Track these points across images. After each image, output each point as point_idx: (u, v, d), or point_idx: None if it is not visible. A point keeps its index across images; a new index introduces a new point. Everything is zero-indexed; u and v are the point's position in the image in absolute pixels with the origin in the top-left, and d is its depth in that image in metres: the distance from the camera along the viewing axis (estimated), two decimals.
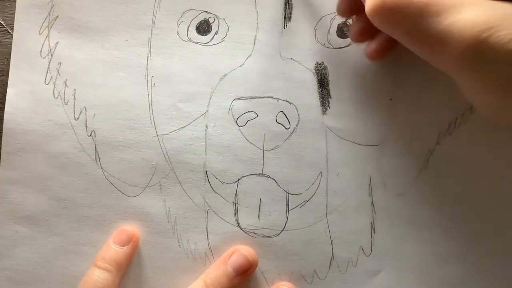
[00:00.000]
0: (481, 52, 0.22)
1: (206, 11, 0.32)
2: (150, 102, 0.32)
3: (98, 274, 0.30)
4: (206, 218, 0.32)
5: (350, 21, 0.32)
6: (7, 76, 0.32)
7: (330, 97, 0.32)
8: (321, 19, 0.32)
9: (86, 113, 0.32)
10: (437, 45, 0.23)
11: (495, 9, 0.22)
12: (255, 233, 0.32)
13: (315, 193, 0.32)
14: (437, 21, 0.23)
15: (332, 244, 0.32)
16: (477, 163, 0.32)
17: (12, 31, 0.32)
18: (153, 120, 0.32)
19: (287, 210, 0.32)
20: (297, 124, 0.32)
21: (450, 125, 0.32)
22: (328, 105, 0.32)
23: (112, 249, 0.31)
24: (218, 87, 0.32)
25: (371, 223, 0.32)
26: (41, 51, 0.32)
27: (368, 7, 0.25)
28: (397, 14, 0.24)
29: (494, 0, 0.22)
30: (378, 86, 0.32)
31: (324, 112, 0.32)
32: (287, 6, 0.32)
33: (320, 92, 0.32)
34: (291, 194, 0.32)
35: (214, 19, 0.32)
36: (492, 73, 0.22)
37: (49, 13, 0.32)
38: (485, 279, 0.32)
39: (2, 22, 0.33)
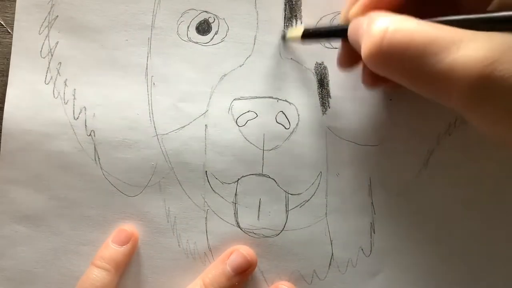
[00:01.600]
0: (486, 88, 0.21)
1: (206, 11, 0.32)
2: (150, 102, 0.32)
3: (97, 273, 0.30)
4: (206, 218, 0.32)
5: None
6: (7, 76, 0.32)
7: (330, 97, 0.32)
8: (321, 19, 0.32)
9: (85, 113, 0.32)
10: (441, 85, 0.22)
11: (495, 41, 0.21)
12: (254, 233, 0.32)
13: (314, 193, 0.32)
14: (438, 61, 0.22)
15: (331, 244, 0.32)
16: (476, 163, 0.32)
17: (12, 31, 0.32)
18: (153, 120, 0.32)
19: (287, 210, 0.32)
20: (297, 124, 0.32)
21: (450, 126, 0.32)
22: (328, 105, 0.32)
23: (110, 249, 0.31)
24: (218, 87, 0.32)
25: (371, 223, 0.32)
26: (41, 51, 0.32)
27: (364, 54, 0.24)
28: (395, 58, 0.23)
29: (493, 31, 0.22)
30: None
31: (324, 112, 0.32)
32: (287, 6, 0.32)
33: (320, 92, 0.32)
34: (291, 194, 0.32)
35: (214, 19, 0.32)
36: (499, 107, 0.21)
37: (49, 13, 0.32)
38: (485, 279, 0.32)
39: (2, 22, 0.33)
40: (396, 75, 0.24)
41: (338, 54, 0.30)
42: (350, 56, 0.29)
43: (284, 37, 0.32)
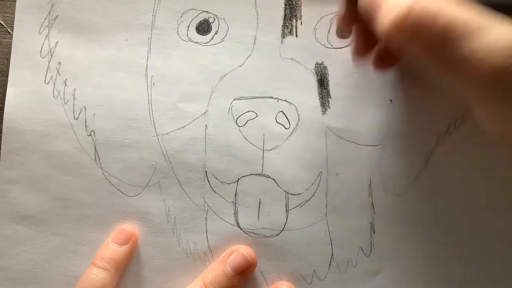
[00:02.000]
0: (504, 81, 0.20)
1: (206, 11, 0.32)
2: (150, 102, 0.32)
3: (97, 273, 0.30)
4: (206, 218, 0.32)
5: None
6: (7, 76, 0.32)
7: (330, 97, 0.32)
8: (321, 19, 0.32)
9: (85, 113, 0.32)
10: (462, 69, 0.21)
11: None
12: (254, 233, 0.32)
13: (314, 193, 0.32)
14: (461, 44, 0.21)
15: (331, 244, 0.32)
16: (476, 163, 0.32)
17: (12, 31, 0.32)
18: (153, 120, 0.32)
19: (287, 210, 0.32)
20: (297, 124, 0.32)
21: (449, 126, 0.32)
22: (328, 105, 0.32)
23: (110, 249, 0.31)
24: (218, 87, 0.32)
25: (371, 223, 0.32)
26: (41, 51, 0.32)
27: (388, 22, 0.23)
28: (420, 33, 0.22)
29: None
30: (378, 86, 0.32)
31: (324, 112, 0.32)
32: (287, 6, 0.32)
33: (320, 92, 0.32)
34: (291, 194, 0.32)
35: (214, 19, 0.32)
36: None
37: (49, 12, 0.32)
38: (485, 279, 0.32)
39: (2, 22, 0.33)
40: (418, 51, 0.23)
41: (354, 42, 0.29)
42: (366, 41, 0.29)
43: (297, 17, 0.32)
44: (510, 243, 0.32)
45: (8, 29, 0.33)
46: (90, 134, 0.32)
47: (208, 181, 0.32)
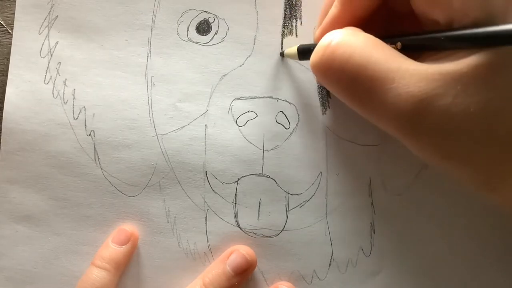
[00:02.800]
0: (418, 121, 0.21)
1: (206, 11, 0.32)
2: (149, 102, 0.32)
3: (96, 273, 0.30)
4: (206, 218, 0.32)
5: None
6: (7, 76, 0.32)
7: (330, 97, 0.32)
8: None
9: (85, 113, 0.32)
10: (374, 111, 0.23)
11: (430, 75, 0.21)
12: (254, 233, 0.32)
13: (314, 193, 0.32)
14: (374, 86, 0.22)
15: (331, 244, 0.32)
16: None
17: (12, 31, 0.32)
18: (153, 120, 0.32)
19: (287, 210, 0.32)
20: (297, 124, 0.32)
21: None
22: (328, 105, 0.32)
23: (110, 248, 0.31)
24: (218, 87, 0.32)
25: (371, 223, 0.32)
26: (40, 51, 0.32)
27: (311, 60, 0.25)
28: (333, 72, 0.23)
29: (429, 64, 0.22)
30: None
31: (324, 112, 0.32)
32: (287, 6, 0.32)
33: (320, 92, 0.32)
34: (291, 194, 0.32)
35: (214, 19, 0.32)
36: (425, 140, 0.22)
37: (49, 12, 0.32)
38: (484, 279, 0.32)
39: (2, 22, 0.33)
40: (333, 90, 0.25)
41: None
42: None
43: (282, 55, 0.32)
44: (509, 243, 0.32)
45: (8, 29, 0.33)
46: (89, 134, 0.32)
47: (208, 181, 0.32)
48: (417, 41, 0.23)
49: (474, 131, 0.21)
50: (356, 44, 0.23)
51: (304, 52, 0.29)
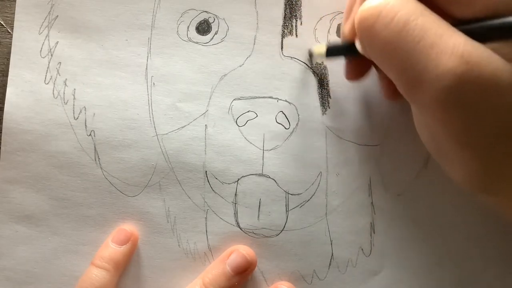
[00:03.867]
0: (457, 94, 0.21)
1: (206, 11, 0.32)
2: (149, 102, 0.32)
3: (96, 273, 0.30)
4: (206, 218, 0.32)
5: None
6: (7, 76, 0.32)
7: (330, 97, 0.32)
8: (321, 19, 0.32)
9: (85, 113, 0.32)
10: (410, 69, 0.22)
11: (476, 50, 0.21)
12: (254, 233, 0.32)
13: (314, 193, 0.32)
14: (414, 48, 0.21)
15: (331, 244, 0.32)
16: None
17: (12, 31, 0.32)
18: (153, 120, 0.32)
19: (287, 210, 0.32)
20: (296, 124, 0.32)
21: None
22: (328, 105, 0.32)
23: (110, 248, 0.31)
24: (218, 87, 0.32)
25: (371, 223, 0.32)
26: (40, 51, 0.32)
27: (356, 18, 0.24)
28: (378, 24, 0.22)
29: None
30: (378, 86, 0.32)
31: (324, 112, 0.32)
32: (287, 6, 0.32)
33: (320, 92, 0.32)
34: (291, 194, 0.32)
35: (214, 19, 0.32)
36: (456, 116, 0.21)
37: (49, 12, 0.32)
38: (484, 279, 0.32)
39: (2, 22, 0.33)
40: (376, 49, 0.24)
41: (345, 68, 0.30)
42: (356, 67, 0.29)
43: (311, 55, 0.32)
44: (509, 242, 0.32)
45: (8, 29, 0.33)
46: (90, 134, 0.32)
47: (208, 181, 0.32)
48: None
49: (503, 118, 0.21)
50: (404, 3, 0.22)
51: (333, 50, 0.29)
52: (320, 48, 0.30)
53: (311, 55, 0.32)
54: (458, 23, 0.22)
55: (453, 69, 0.20)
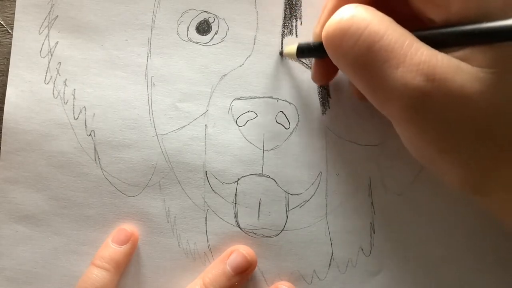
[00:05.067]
0: (421, 106, 0.21)
1: (206, 11, 0.32)
2: (149, 102, 0.32)
3: (96, 273, 0.30)
4: (206, 218, 0.32)
5: None
6: (7, 76, 0.32)
7: (330, 97, 0.32)
8: None
9: (85, 113, 0.32)
10: (380, 89, 0.22)
11: (439, 60, 0.21)
12: (254, 233, 0.32)
13: (314, 193, 0.32)
14: (381, 68, 0.22)
15: (331, 244, 0.32)
16: None
17: (12, 31, 0.32)
18: (153, 120, 0.32)
19: (287, 210, 0.32)
20: (296, 124, 0.32)
21: None
22: (328, 105, 0.32)
23: (110, 248, 0.31)
24: (218, 87, 0.32)
25: (371, 223, 0.32)
26: (40, 51, 0.32)
27: (323, 34, 0.24)
28: (347, 44, 0.23)
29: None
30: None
31: (324, 112, 0.32)
32: (287, 6, 0.32)
33: (320, 92, 0.32)
34: (291, 194, 0.32)
35: (214, 19, 0.32)
36: (427, 126, 0.22)
37: (49, 12, 0.32)
38: (484, 279, 0.32)
39: (2, 22, 0.33)
40: (344, 63, 0.24)
41: (312, 70, 0.30)
42: (325, 69, 0.30)
43: (281, 54, 0.32)
44: (510, 243, 0.32)
45: (8, 29, 0.33)
46: (90, 134, 0.32)
47: (208, 181, 0.32)
48: (425, 36, 0.23)
49: (478, 124, 0.21)
50: (371, 17, 0.22)
51: (304, 50, 0.29)
52: (291, 49, 0.30)
53: (281, 54, 0.32)
54: (431, 26, 0.22)
55: (419, 87, 0.21)
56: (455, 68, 0.21)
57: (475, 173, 0.22)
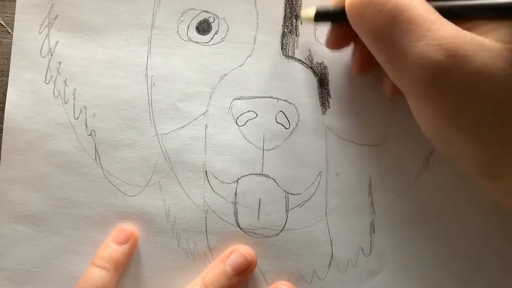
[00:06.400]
0: (440, 79, 0.21)
1: (206, 11, 0.32)
2: (150, 102, 0.32)
3: (97, 273, 0.30)
4: (206, 218, 0.32)
5: None
6: (7, 76, 0.32)
7: (330, 97, 0.32)
8: None
9: (86, 113, 0.32)
10: (398, 57, 0.22)
11: (461, 37, 0.21)
12: (254, 233, 0.32)
13: (314, 193, 0.32)
14: (402, 40, 0.22)
15: (331, 244, 0.32)
16: None
17: (12, 31, 0.32)
18: (153, 120, 0.32)
19: (287, 210, 0.32)
20: (296, 124, 0.32)
21: None
22: (328, 105, 0.32)
23: (110, 248, 0.31)
24: (218, 87, 0.32)
25: (371, 223, 0.32)
26: (41, 51, 0.32)
27: (347, 2, 0.24)
28: (371, 12, 0.23)
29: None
30: (378, 86, 0.32)
31: (324, 112, 0.32)
32: (287, 6, 0.32)
33: (320, 92, 0.32)
34: (291, 194, 0.32)
35: (214, 19, 0.32)
36: (445, 103, 0.22)
37: (49, 12, 0.32)
38: (484, 279, 0.32)
39: (2, 22, 0.33)
40: (366, 32, 0.24)
41: (327, 34, 0.30)
42: (341, 36, 0.29)
43: (296, 18, 0.32)
44: (509, 242, 0.32)
45: (8, 29, 0.33)
46: (90, 134, 0.32)
47: (208, 181, 0.32)
48: (451, 7, 0.23)
49: (498, 101, 0.21)
50: None
51: (323, 14, 0.28)
52: (309, 12, 0.29)
53: (297, 17, 0.32)
54: None
55: (439, 62, 0.21)
56: (478, 46, 0.21)
57: (491, 152, 0.22)
